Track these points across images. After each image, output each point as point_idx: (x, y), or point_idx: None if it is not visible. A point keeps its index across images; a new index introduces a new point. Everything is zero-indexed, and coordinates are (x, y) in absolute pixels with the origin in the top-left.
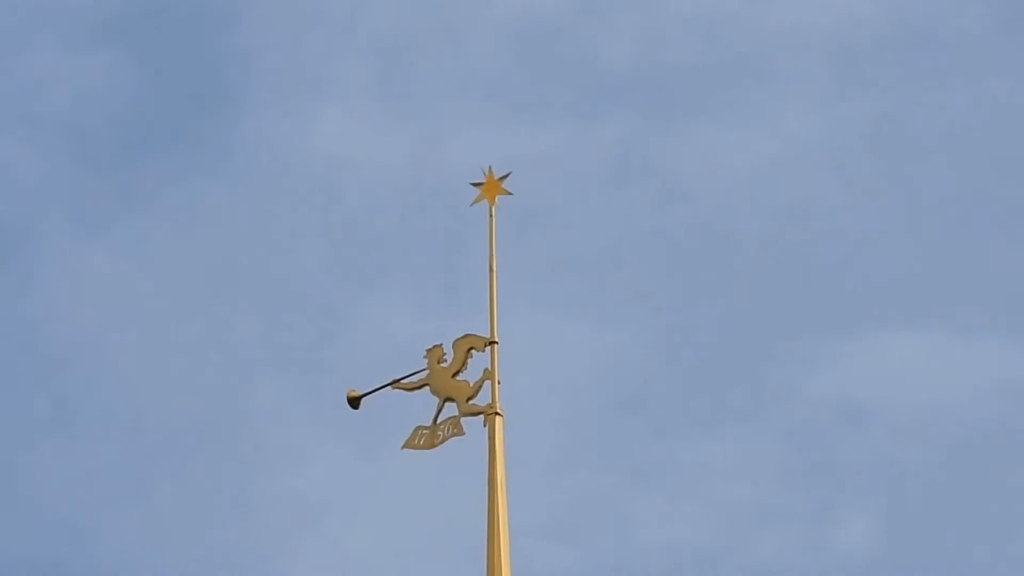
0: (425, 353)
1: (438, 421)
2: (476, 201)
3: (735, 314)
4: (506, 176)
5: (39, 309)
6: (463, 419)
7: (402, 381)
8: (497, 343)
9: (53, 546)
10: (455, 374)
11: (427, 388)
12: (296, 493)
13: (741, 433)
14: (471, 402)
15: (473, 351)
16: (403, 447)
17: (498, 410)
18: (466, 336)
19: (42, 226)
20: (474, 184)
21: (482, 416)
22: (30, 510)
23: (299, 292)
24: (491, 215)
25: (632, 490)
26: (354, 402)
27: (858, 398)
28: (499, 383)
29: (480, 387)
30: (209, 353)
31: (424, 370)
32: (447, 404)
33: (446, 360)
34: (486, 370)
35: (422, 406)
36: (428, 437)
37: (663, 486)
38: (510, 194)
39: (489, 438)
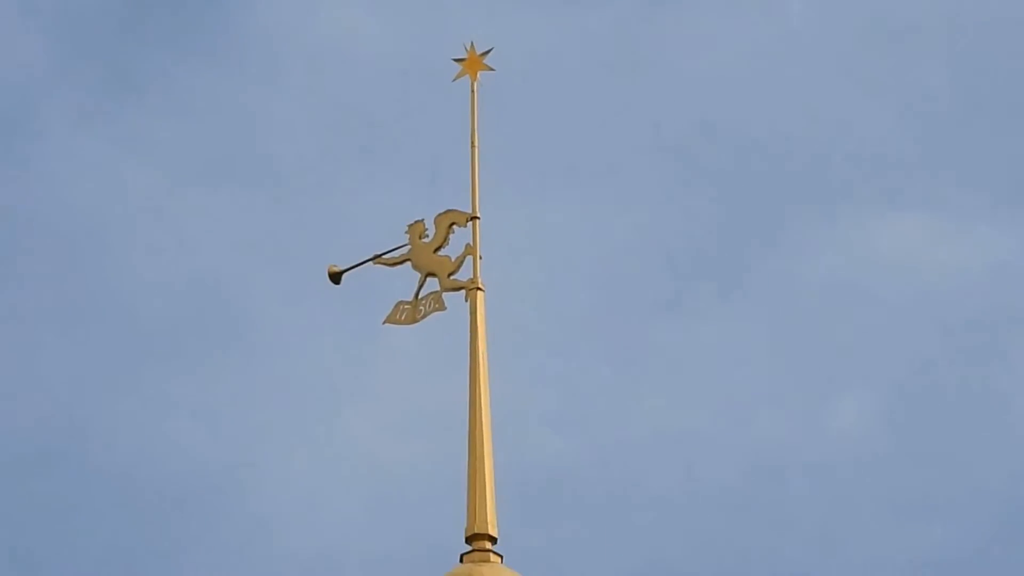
0: (407, 229)
1: (419, 296)
2: (458, 77)
3: (729, 198)
4: (488, 52)
5: (36, 196)
6: (444, 294)
7: (383, 256)
8: (479, 218)
9: (51, 435)
10: (437, 249)
11: (409, 263)
12: (285, 373)
13: (734, 316)
14: (452, 277)
15: (455, 226)
16: (385, 322)
17: (479, 285)
18: (448, 211)
19: (39, 113)
20: (456, 60)
21: (463, 291)
22: (28, 399)
23: (289, 173)
24: (473, 91)
25: (617, 366)
26: (335, 277)
27: (852, 282)
28: (480, 258)
29: (462, 262)
30: (203, 238)
31: (406, 245)
32: (428, 279)
33: (428, 236)
34: (468, 245)
35: (404, 281)
36: (410, 312)
37: (650, 365)
38: (492, 70)
39: (471, 313)
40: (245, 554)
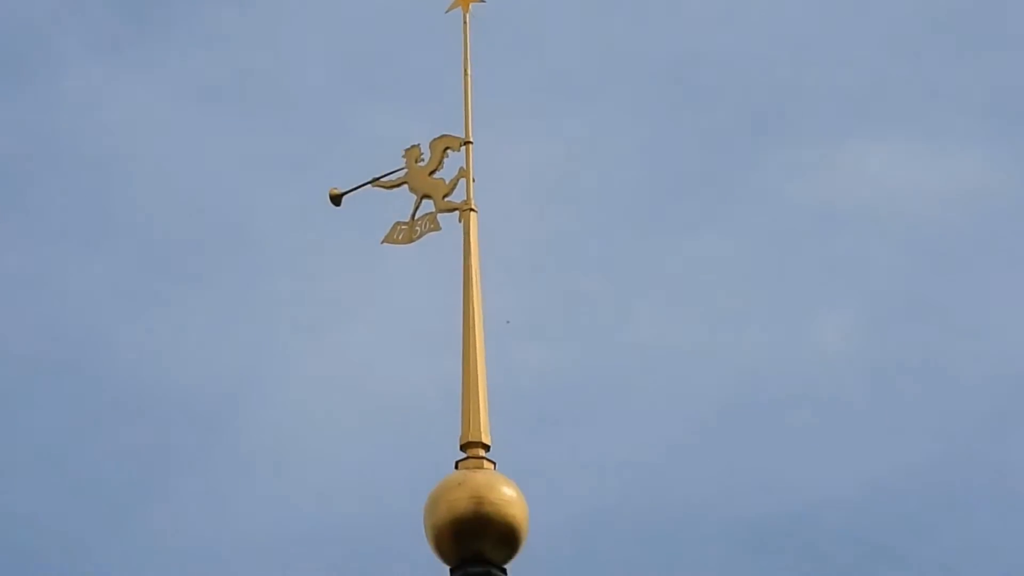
0: (403, 153)
1: (416, 217)
2: (451, 8)
3: (719, 125)
4: None
5: (57, 121)
6: (439, 215)
7: (381, 180)
8: (472, 143)
9: (73, 349)
10: (432, 172)
11: (405, 186)
12: (289, 288)
13: (723, 235)
14: (447, 199)
15: (449, 151)
16: (383, 242)
17: (472, 206)
18: (442, 136)
19: (58, 46)
20: None
21: (457, 212)
22: (52, 315)
23: (291, 101)
24: (465, 22)
25: (606, 281)
26: (336, 199)
27: (836, 203)
28: (474, 181)
29: (455, 185)
30: (213, 161)
31: (402, 169)
32: (424, 201)
33: (423, 160)
34: (461, 169)
35: (401, 203)
36: (407, 232)
37: (638, 279)
38: (482, 1)
39: (464, 232)
40: (251, 461)
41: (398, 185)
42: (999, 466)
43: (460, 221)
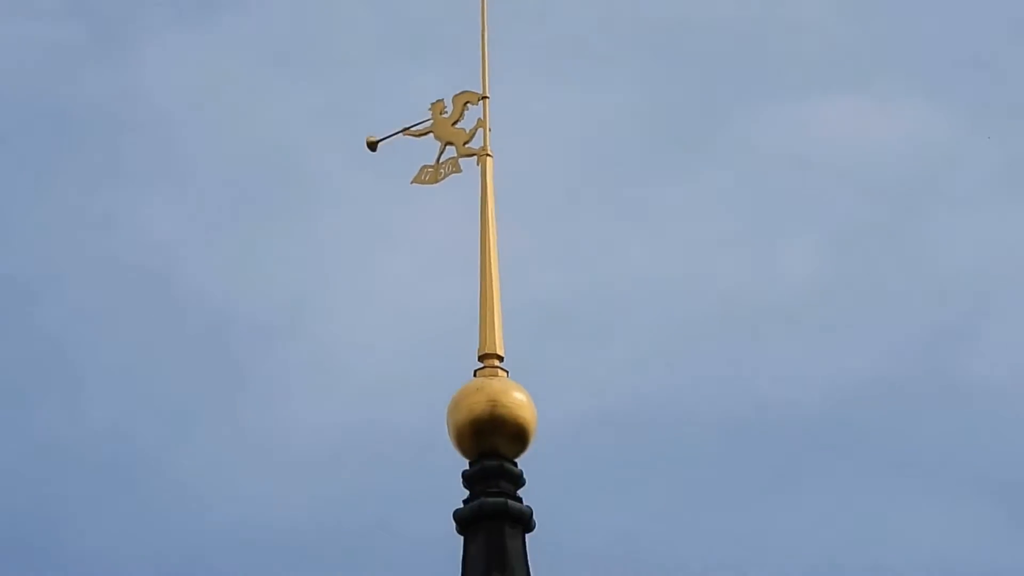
0: (429, 106)
1: (440, 161)
2: None
3: (703, 86)
4: None
5: (138, 82)
6: (460, 159)
7: (411, 129)
8: (488, 98)
9: (156, 278)
10: (454, 123)
11: (431, 135)
12: (337, 224)
13: (705, 180)
14: (467, 145)
15: (468, 104)
16: (412, 182)
17: (489, 152)
18: (463, 92)
19: (144, 17)
20: None
21: (475, 157)
22: (136, 246)
23: (340, 65)
24: None
25: (605, 220)
26: (372, 146)
27: (801, 153)
28: (490, 130)
29: (474, 133)
30: (271, 116)
31: (428, 120)
32: (447, 148)
33: (447, 112)
34: (479, 119)
35: (427, 150)
36: (432, 174)
37: (633, 218)
38: None
39: (481, 175)
40: (306, 368)
41: (425, 134)
42: (941, 374)
43: (478, 164)
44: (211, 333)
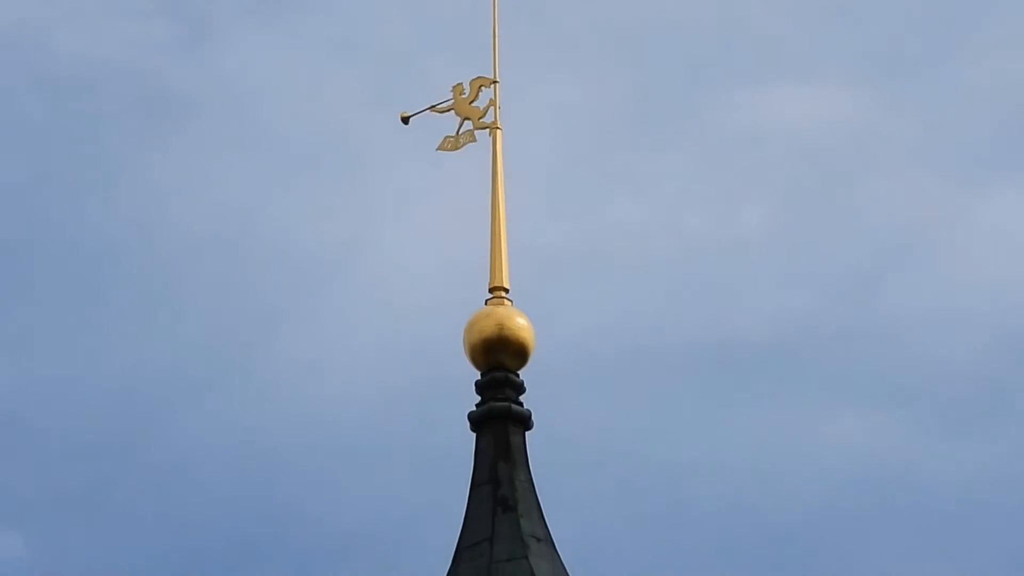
0: (451, 89)
1: (459, 132)
2: None
3: (680, 74)
4: None
5: (212, 69)
6: (476, 131)
7: (436, 107)
8: (498, 82)
9: (230, 226)
10: (471, 102)
11: (452, 112)
12: (379, 182)
13: (679, 150)
14: (481, 120)
15: (482, 87)
16: (437, 149)
17: (498, 126)
18: (478, 77)
19: (219, 13)
20: None
21: (488, 129)
22: (221, 197)
23: (379, 52)
24: None
25: (599, 183)
26: (405, 120)
27: (756, 129)
28: (499, 108)
29: (487, 111)
30: (326, 95)
31: (450, 100)
32: (465, 122)
33: (465, 93)
34: (491, 99)
35: (449, 123)
36: (452, 143)
37: (621, 183)
38: None
39: (492, 144)
40: (354, 301)
41: (447, 111)
42: (866, 308)
43: (490, 136)
44: (285, 264)
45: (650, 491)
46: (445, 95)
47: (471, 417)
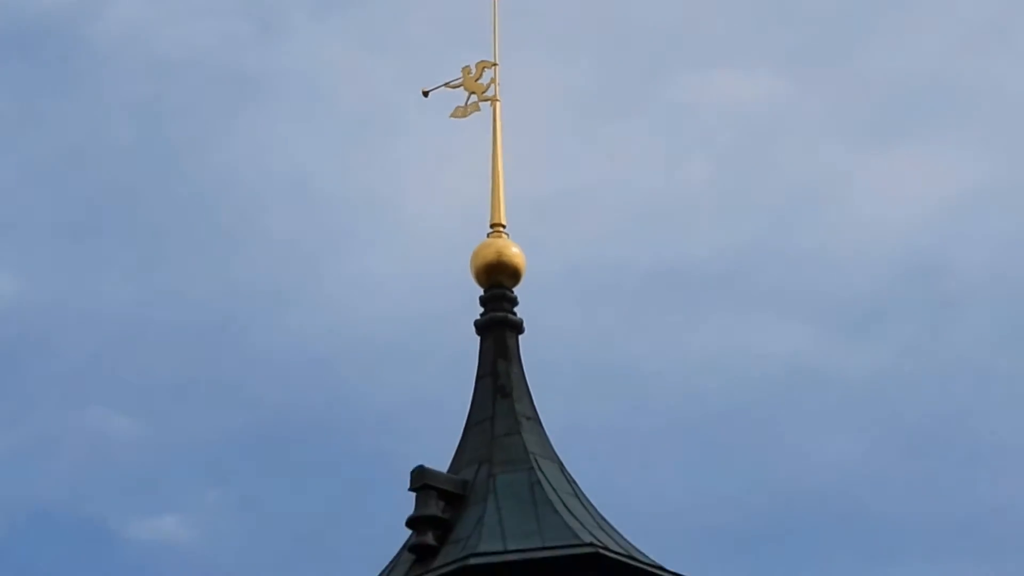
0: (461, 69)
1: (467, 103)
2: None
3: (645, 57)
4: None
5: (287, 58)
6: (480, 102)
7: (450, 83)
8: (497, 64)
9: (297, 168)
10: (476, 80)
11: (462, 87)
12: (405, 142)
13: (643, 117)
14: (484, 94)
15: (485, 68)
16: (450, 116)
17: (497, 98)
18: (482, 60)
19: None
20: None
21: (489, 101)
22: (288, 151)
23: (406, 42)
24: None
25: (578, 143)
26: (425, 94)
27: (699, 103)
28: (499, 85)
29: (489, 86)
30: (368, 76)
31: (460, 77)
32: (471, 95)
33: (472, 73)
34: (492, 78)
35: (459, 96)
36: (462, 111)
37: (597, 143)
38: None
39: (492, 112)
40: (382, 237)
41: (458, 86)
42: (789, 241)
43: (491, 106)
44: (334, 207)
45: (618, 382)
46: (456, 74)
47: (476, 324)
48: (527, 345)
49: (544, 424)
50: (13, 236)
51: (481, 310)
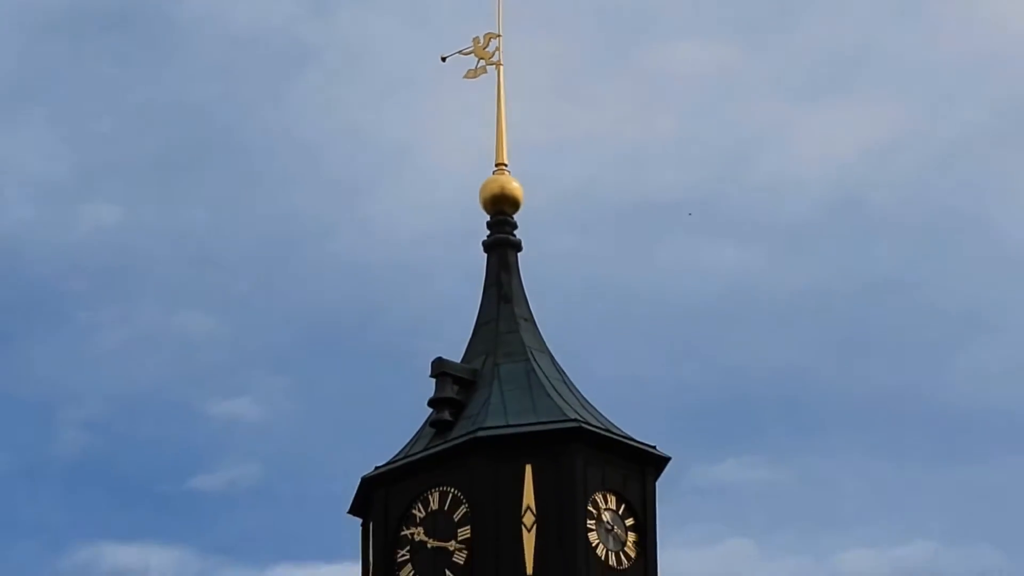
0: (472, 39)
1: (477, 67)
2: None
3: (618, 27)
4: None
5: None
6: (487, 66)
7: (463, 51)
8: (500, 36)
9: (344, 127)
10: (484, 48)
11: (473, 54)
12: (425, 99)
13: (617, 80)
14: (491, 59)
15: (491, 38)
16: (463, 77)
17: (501, 63)
18: (488, 33)
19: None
20: None
21: (495, 65)
22: (328, 107)
23: (429, 19)
24: None
25: (565, 101)
26: (444, 59)
27: (663, 66)
28: (502, 52)
29: (494, 53)
30: (402, 45)
31: (471, 46)
32: (480, 60)
33: (481, 42)
34: (497, 47)
35: (470, 61)
36: (473, 72)
37: (581, 101)
38: None
39: (497, 75)
40: (410, 180)
41: (469, 53)
42: (740, 176)
43: (496, 69)
44: (375, 150)
45: (599, 291)
46: (468, 44)
47: (484, 244)
48: (525, 261)
49: (538, 324)
50: (117, 173)
51: (488, 233)
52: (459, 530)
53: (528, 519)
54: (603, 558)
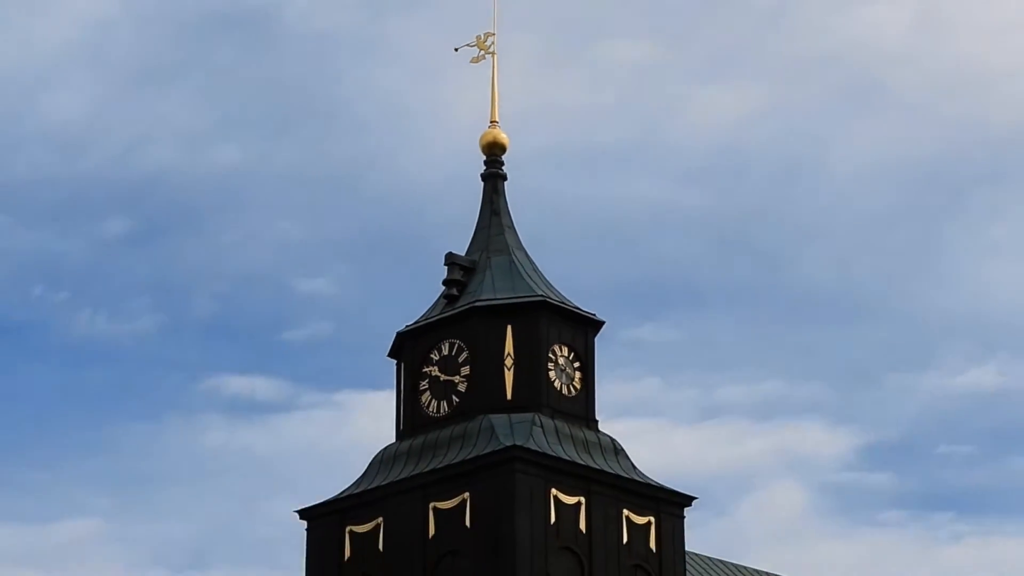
0: (474, 36)
1: (478, 55)
2: None
3: (594, 21)
4: None
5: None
6: (486, 55)
7: (469, 43)
8: (495, 33)
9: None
10: (484, 41)
11: (476, 46)
12: (435, 83)
13: (587, 68)
14: (489, 50)
15: (488, 35)
16: (470, 62)
17: (495, 52)
18: (487, 32)
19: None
20: None
21: (490, 55)
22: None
23: (440, 18)
24: None
25: (552, 78)
26: (456, 50)
27: (617, 59)
28: (497, 45)
29: (492, 45)
30: (423, 40)
31: (475, 40)
32: (480, 51)
33: (481, 37)
34: (493, 41)
35: (473, 51)
36: (476, 59)
37: (562, 77)
38: None
39: (492, 63)
40: (429, 129)
41: (474, 45)
42: None
43: (492, 57)
44: (400, 114)
45: (566, 210)
46: (473, 39)
47: (481, 176)
48: (509, 188)
49: (518, 231)
50: (233, 122)
51: (484, 168)
52: (462, 369)
53: (508, 362)
54: (559, 389)
